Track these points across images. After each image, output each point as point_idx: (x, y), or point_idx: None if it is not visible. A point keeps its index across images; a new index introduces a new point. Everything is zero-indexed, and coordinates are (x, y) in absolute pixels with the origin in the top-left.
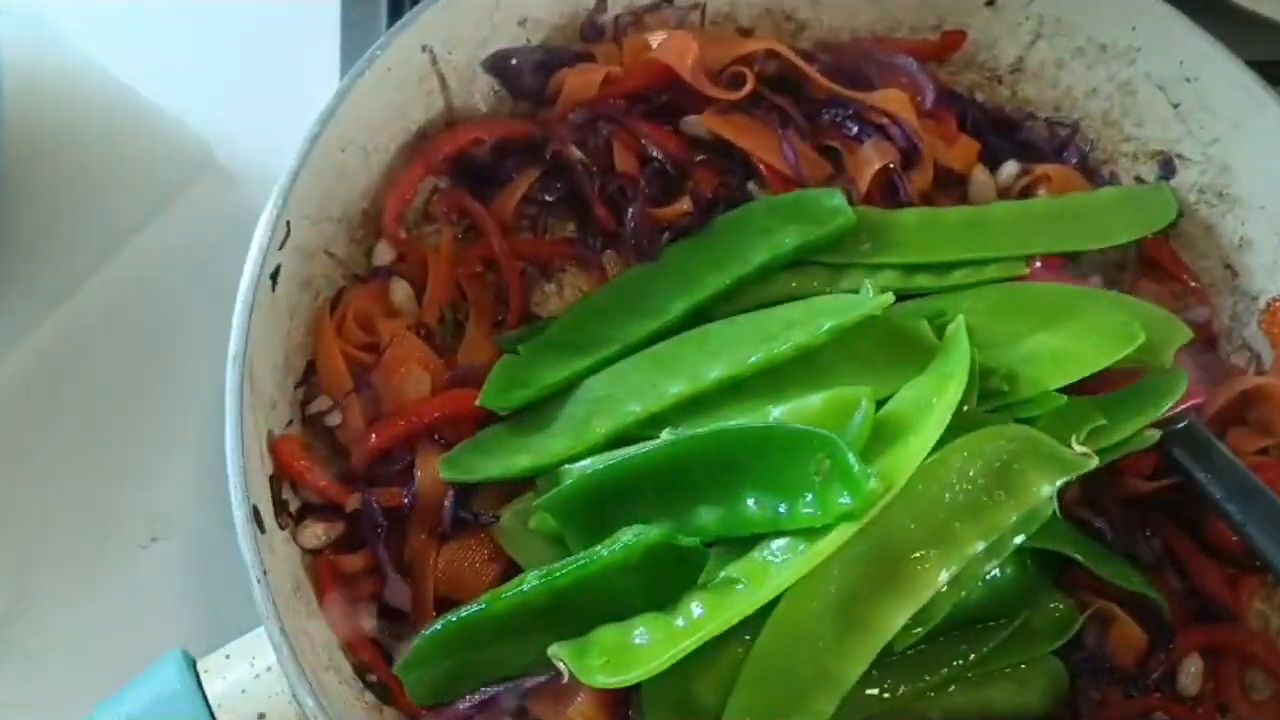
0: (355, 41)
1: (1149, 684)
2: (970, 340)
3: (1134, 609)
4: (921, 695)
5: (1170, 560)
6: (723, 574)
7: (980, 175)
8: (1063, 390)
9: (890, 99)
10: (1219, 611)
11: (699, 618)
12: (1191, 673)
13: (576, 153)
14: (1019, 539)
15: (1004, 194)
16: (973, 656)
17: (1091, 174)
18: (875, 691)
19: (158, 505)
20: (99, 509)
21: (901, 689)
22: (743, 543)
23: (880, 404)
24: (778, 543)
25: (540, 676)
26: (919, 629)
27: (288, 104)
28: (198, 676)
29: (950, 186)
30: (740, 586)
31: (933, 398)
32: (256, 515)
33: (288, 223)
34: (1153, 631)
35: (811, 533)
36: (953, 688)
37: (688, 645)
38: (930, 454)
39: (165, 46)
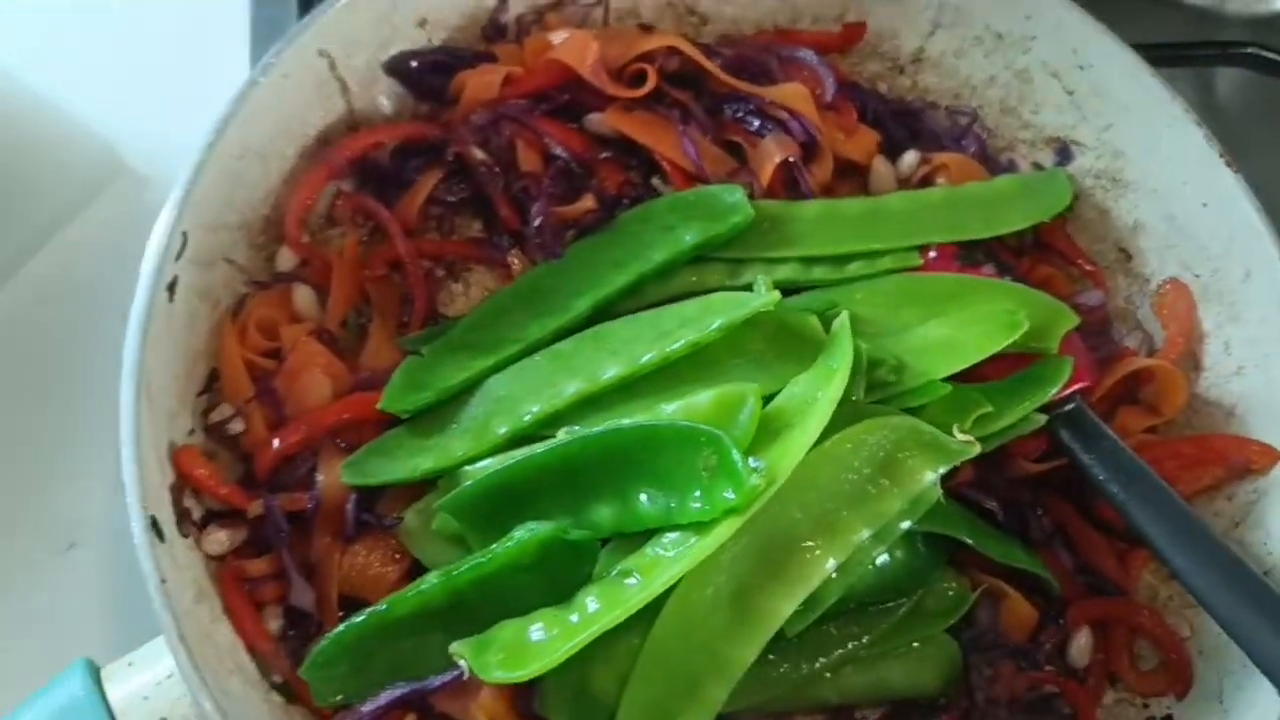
0: (265, 41)
1: (1040, 658)
2: (856, 333)
3: (1025, 586)
4: (818, 677)
5: (1061, 537)
6: (617, 569)
7: (880, 166)
8: (955, 377)
9: (790, 93)
10: (1108, 585)
11: (594, 612)
12: (1081, 645)
13: (479, 153)
14: (905, 525)
15: (904, 183)
16: (866, 638)
17: (990, 161)
18: (771, 675)
19: (77, 511)
20: (16, 514)
21: (797, 671)
22: (638, 538)
23: (770, 399)
24: (669, 537)
25: (445, 675)
26: (810, 614)
27: (199, 105)
28: (101, 685)
29: (851, 177)
30: (633, 580)
31: (817, 392)
32: (155, 525)
33: (184, 233)
34: (1044, 607)
35: (700, 527)
36: (848, 668)
37: (583, 639)
38: (816, 446)
39: (73, 51)
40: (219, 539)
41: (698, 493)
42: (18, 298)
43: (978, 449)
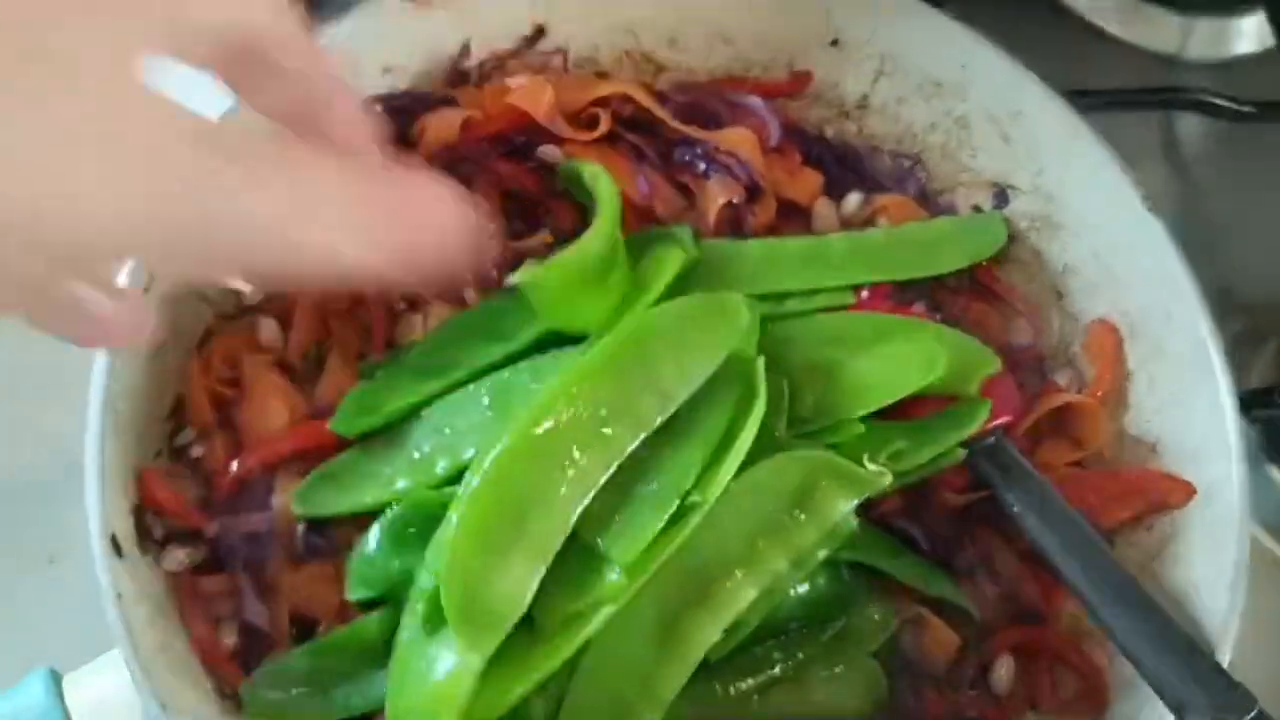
0: None
1: (963, 683)
2: (783, 368)
3: (949, 613)
4: (745, 699)
5: (986, 566)
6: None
7: (823, 208)
8: (879, 414)
9: (735, 138)
10: (1031, 614)
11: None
12: (1003, 673)
13: None
14: (823, 553)
15: (848, 224)
16: (792, 661)
17: (930, 203)
18: (699, 696)
19: (58, 527)
20: None
21: (726, 693)
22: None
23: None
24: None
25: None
26: (732, 640)
27: None
28: (61, 691)
29: (795, 218)
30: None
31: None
32: (115, 542)
33: (149, 274)
34: (966, 634)
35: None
36: (775, 690)
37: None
38: (735, 478)
39: None
40: (178, 557)
41: None
42: None
43: (888, 479)
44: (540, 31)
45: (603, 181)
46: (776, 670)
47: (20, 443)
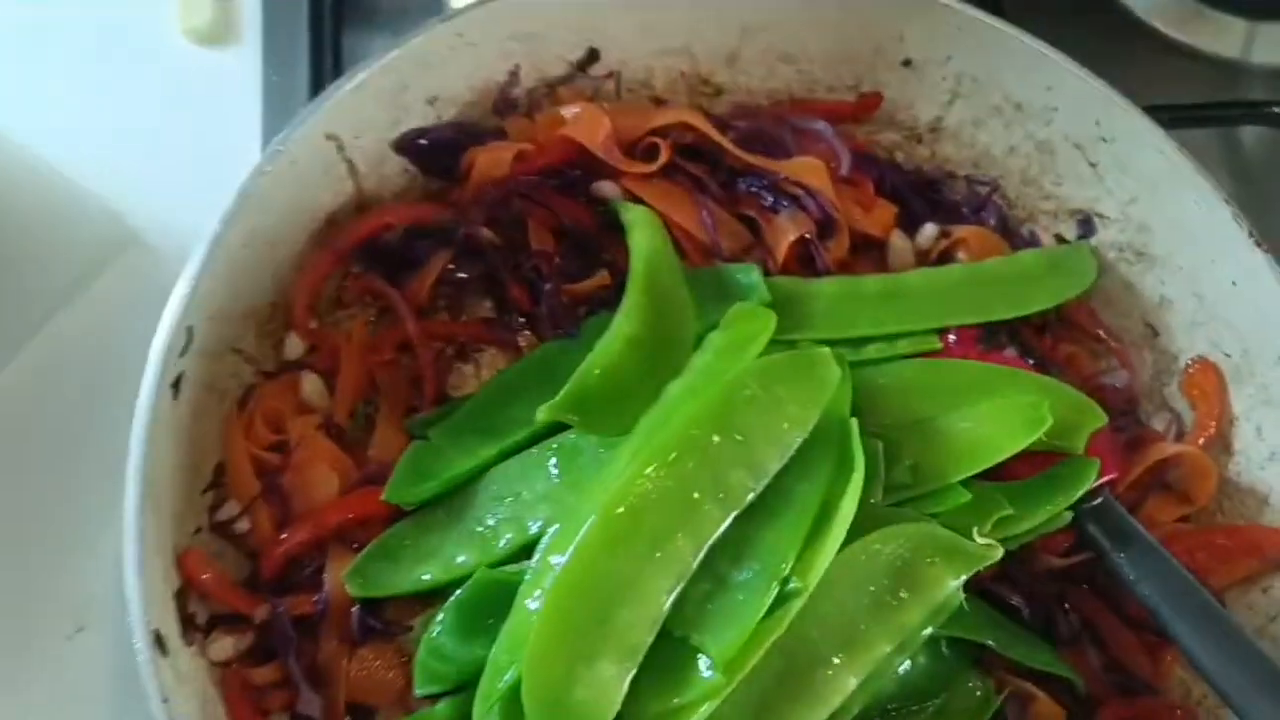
0: (277, 111)
1: None
2: (874, 425)
3: (1053, 685)
4: None
5: (1090, 633)
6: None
7: (898, 240)
8: (979, 475)
9: (805, 168)
10: (1139, 684)
11: None
12: None
13: (488, 234)
14: (928, 631)
15: (922, 258)
16: None
17: (1010, 233)
18: None
19: (84, 592)
20: (21, 597)
21: None
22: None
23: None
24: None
25: None
26: None
27: (210, 175)
28: None
29: (869, 251)
30: None
31: (837, 501)
32: (159, 639)
33: (189, 328)
34: (1072, 707)
35: None
36: None
37: None
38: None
39: (82, 121)
40: (224, 645)
41: None
42: (24, 371)
43: (999, 553)
44: (593, 55)
45: (639, 233)
46: None
47: (47, 503)
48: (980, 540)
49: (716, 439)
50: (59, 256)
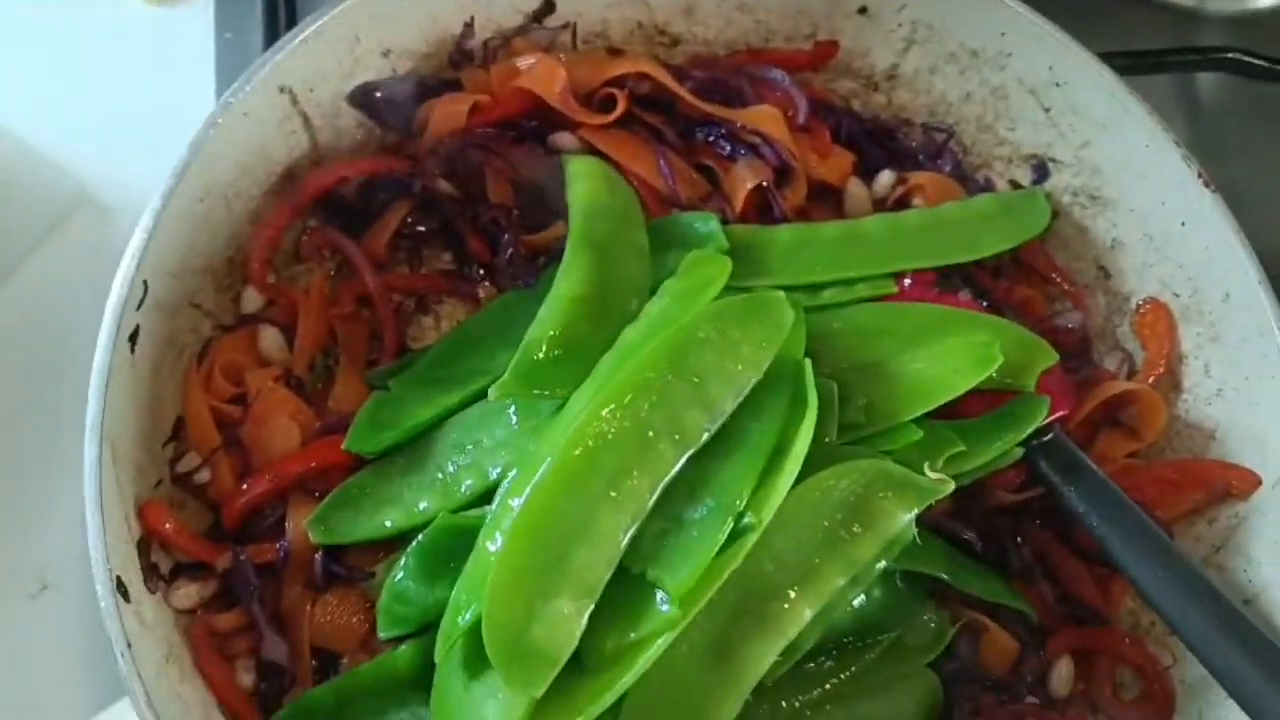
0: (230, 69)
1: (1022, 689)
2: (830, 367)
3: (1007, 617)
4: (798, 716)
5: (1042, 566)
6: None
7: (854, 188)
8: (930, 412)
9: (762, 116)
10: (1090, 614)
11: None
12: (1062, 675)
13: (445, 186)
14: (881, 565)
15: (879, 205)
16: (846, 675)
17: (966, 179)
18: (751, 717)
19: (47, 552)
20: None
21: (774, 712)
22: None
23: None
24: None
25: None
26: (788, 661)
27: (164, 134)
28: None
29: (826, 199)
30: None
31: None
32: (121, 585)
33: (144, 282)
34: (1025, 637)
35: None
36: (830, 706)
37: None
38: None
39: (35, 81)
40: (188, 593)
41: None
42: None
43: (951, 487)
44: (548, 6)
45: (578, 186)
46: (829, 686)
47: (6, 463)
48: (931, 475)
49: (671, 380)
50: (13, 217)
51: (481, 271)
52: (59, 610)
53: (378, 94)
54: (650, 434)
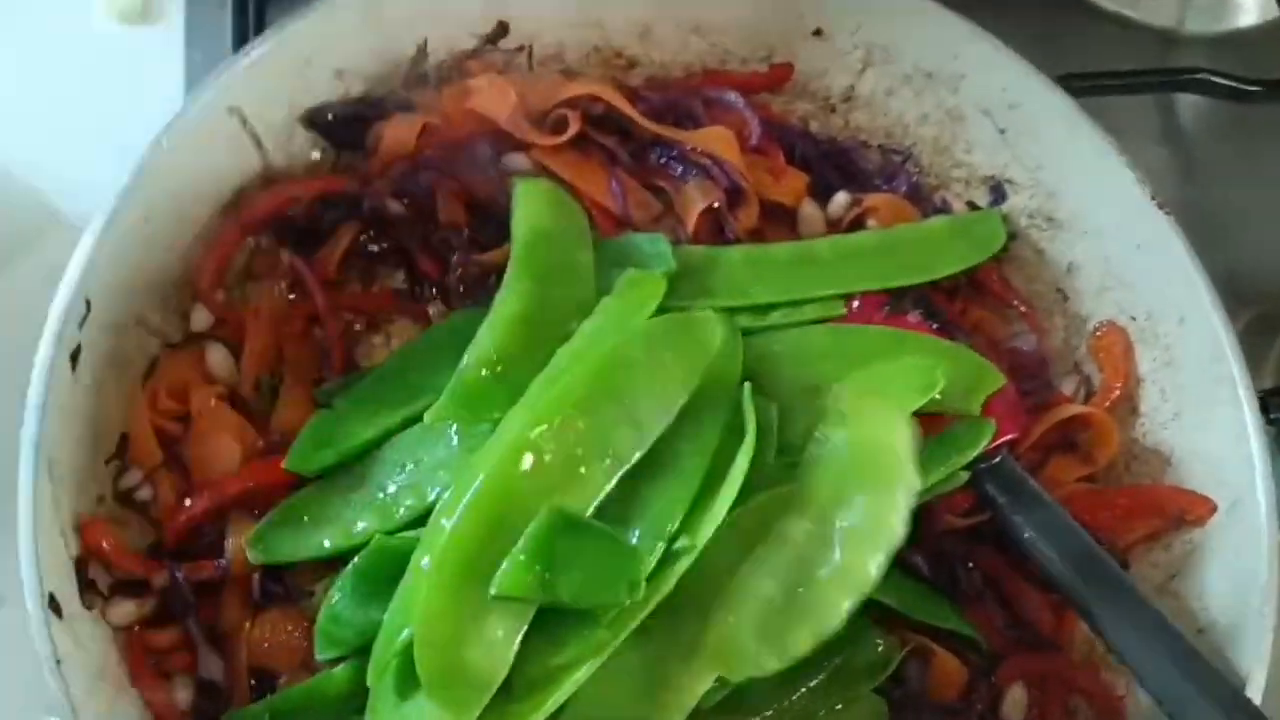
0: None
1: (973, 716)
2: (771, 389)
3: (956, 642)
4: None
5: (993, 591)
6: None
7: (808, 209)
8: None
9: (712, 137)
10: (1042, 640)
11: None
12: (1015, 701)
13: (395, 206)
14: None
15: (835, 226)
16: (788, 701)
17: (923, 201)
18: None
19: (3, 566)
20: None
21: None
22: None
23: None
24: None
25: None
26: (726, 687)
27: (134, 155)
28: None
29: (780, 221)
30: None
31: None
32: (54, 603)
33: (87, 300)
34: (975, 663)
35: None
36: None
37: None
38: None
39: (4, 103)
40: (126, 610)
41: None
42: None
43: None
44: (502, 28)
45: (521, 209)
46: (774, 710)
47: None
48: None
49: (600, 400)
50: None
51: (434, 291)
52: (15, 625)
53: (330, 115)
54: (580, 453)
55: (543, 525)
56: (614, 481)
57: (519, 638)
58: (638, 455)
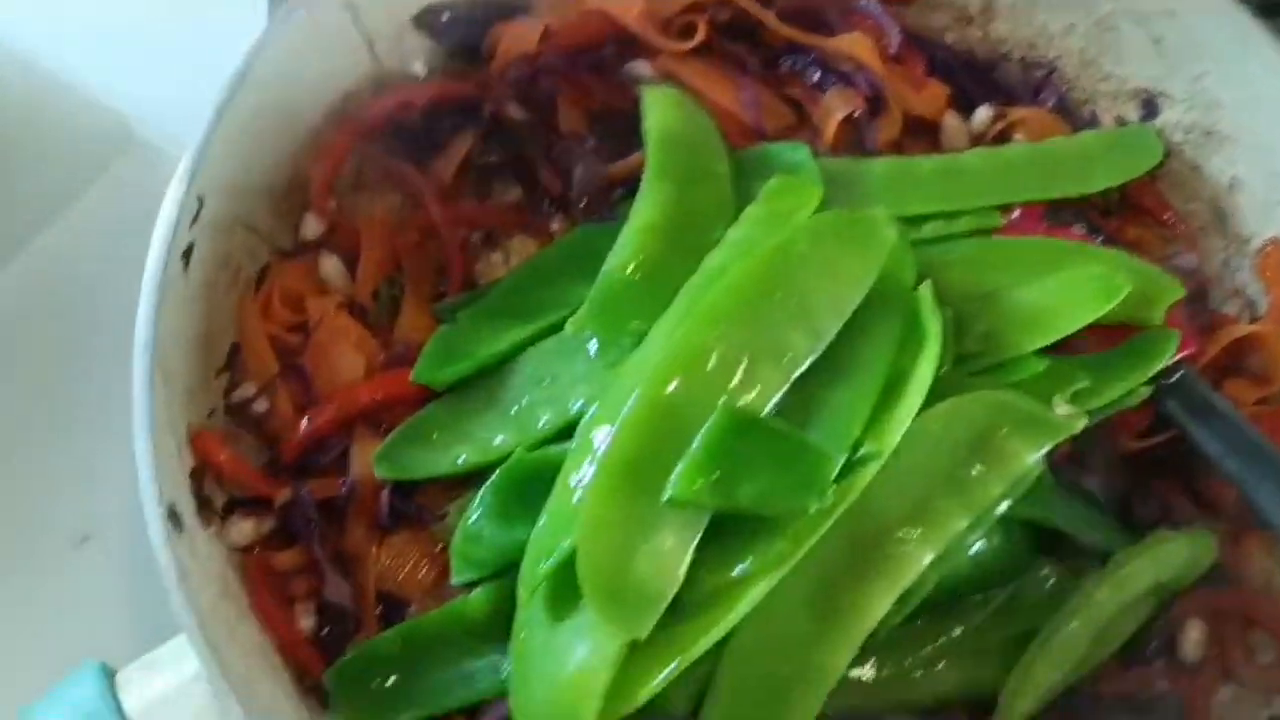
0: (282, 3)
1: (1149, 653)
2: (939, 299)
3: None
4: (907, 676)
5: (1168, 520)
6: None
7: (952, 121)
8: (1050, 348)
9: (853, 43)
10: (1220, 573)
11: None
12: (1193, 639)
13: (517, 111)
14: (1004, 506)
15: (978, 140)
16: (959, 632)
17: (1070, 116)
18: (858, 677)
19: (91, 502)
20: (27, 506)
21: (885, 672)
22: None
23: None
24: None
25: (495, 706)
26: (903, 611)
27: (213, 72)
28: (115, 691)
29: (921, 135)
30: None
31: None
32: (174, 514)
33: (199, 197)
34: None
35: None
36: (941, 666)
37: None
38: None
39: (78, 18)
40: (244, 529)
41: None
42: (25, 276)
43: (1083, 423)
44: None
45: (653, 115)
46: (943, 644)
47: (51, 410)
48: (1061, 410)
49: (770, 298)
50: (58, 158)
51: (554, 205)
52: (101, 561)
53: (444, 16)
54: (751, 354)
55: (718, 426)
56: (789, 383)
57: (692, 548)
58: (813, 357)
